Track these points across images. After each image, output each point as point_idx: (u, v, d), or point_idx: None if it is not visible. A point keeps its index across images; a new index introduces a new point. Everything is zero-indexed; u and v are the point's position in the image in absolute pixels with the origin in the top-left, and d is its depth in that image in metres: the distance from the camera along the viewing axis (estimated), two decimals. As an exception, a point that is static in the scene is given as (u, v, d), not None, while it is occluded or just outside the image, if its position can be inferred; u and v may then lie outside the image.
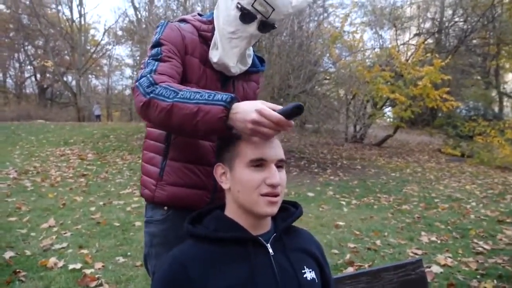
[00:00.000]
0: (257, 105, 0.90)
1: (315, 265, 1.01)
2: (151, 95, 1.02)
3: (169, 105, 0.99)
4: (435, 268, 3.17)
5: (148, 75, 1.08)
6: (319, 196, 6.12)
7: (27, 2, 22.67)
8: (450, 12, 15.37)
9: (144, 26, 11.92)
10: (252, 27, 1.17)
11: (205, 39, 1.25)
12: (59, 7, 22.72)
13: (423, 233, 4.26)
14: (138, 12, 17.00)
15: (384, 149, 12.84)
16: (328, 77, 10.08)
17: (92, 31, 29.75)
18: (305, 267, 0.97)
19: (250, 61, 1.33)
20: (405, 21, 14.32)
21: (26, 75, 34.74)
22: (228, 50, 1.21)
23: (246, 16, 1.16)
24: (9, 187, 5.67)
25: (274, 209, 0.93)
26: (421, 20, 14.64)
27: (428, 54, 11.75)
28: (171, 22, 1.25)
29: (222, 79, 1.28)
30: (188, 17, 1.30)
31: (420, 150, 13.27)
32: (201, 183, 1.24)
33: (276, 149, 0.94)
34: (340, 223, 4.51)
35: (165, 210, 1.27)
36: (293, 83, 8.21)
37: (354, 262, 3.26)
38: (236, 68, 1.25)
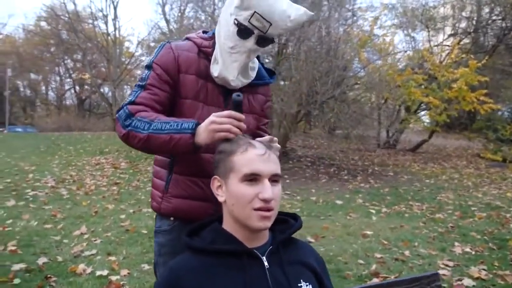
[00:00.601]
0: (213, 114, 1.09)
1: (313, 278, 1.00)
2: (129, 128, 1.18)
3: (145, 136, 1.15)
4: (467, 281, 3.03)
5: (125, 107, 1.21)
6: (347, 203, 6.01)
7: (66, 18, 23.86)
8: (487, 10, 14.75)
9: (175, 37, 12.29)
10: (250, 42, 1.20)
11: (206, 54, 1.30)
12: (95, 22, 23.75)
13: (456, 243, 4.08)
14: (169, 24, 17.54)
15: (419, 155, 12.44)
16: (358, 82, 9.93)
17: (126, 44, 30.92)
18: (301, 280, 0.97)
19: (253, 74, 1.35)
20: (439, 22, 13.87)
21: (66, 87, 36.59)
22: (228, 64, 1.24)
23: (243, 31, 1.18)
24: (47, 195, 5.97)
25: (267, 224, 0.94)
26: (455, 20, 14.13)
27: (464, 55, 11.31)
28: (169, 42, 1.31)
29: (225, 92, 1.30)
30: (191, 35, 1.36)
31: (457, 155, 12.75)
32: (204, 196, 1.27)
33: (270, 164, 0.95)
34: (368, 232, 4.41)
35: (172, 220, 1.32)
36: (320, 90, 8.15)
37: (379, 273, 3.18)
38: (236, 81, 1.28)
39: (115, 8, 22.59)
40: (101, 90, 29.12)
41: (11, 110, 33.90)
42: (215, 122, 1.05)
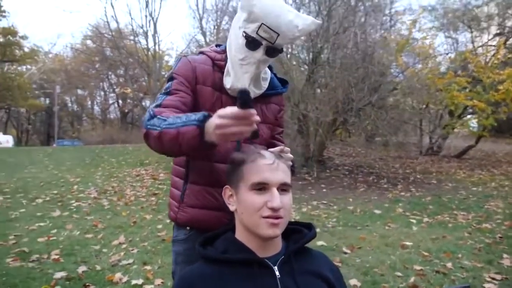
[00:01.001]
0: (218, 112, 0.96)
1: (326, 289, 0.99)
2: (148, 126, 1.14)
3: (159, 132, 1.09)
4: (516, 296, 2.83)
5: (150, 109, 1.21)
6: (386, 213, 5.82)
7: (110, 36, 25.12)
8: (536, 6, 13.91)
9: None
10: (259, 53, 1.23)
11: (220, 67, 1.34)
12: (136, 38, 24.81)
13: (505, 255, 3.82)
14: (205, 37, 18.02)
15: (465, 161, 11.84)
16: (396, 88, 9.66)
17: (166, 57, 32.05)
18: (314, 290, 0.95)
19: (266, 84, 1.38)
20: (483, 21, 13.25)
21: (110, 101, 38.39)
22: (240, 76, 1.27)
23: (251, 43, 1.22)
24: (90, 206, 6.25)
25: (277, 231, 0.94)
26: (501, 19, 13.44)
27: (511, 55, 10.70)
28: (186, 56, 1.36)
29: None
30: (205, 49, 1.41)
31: (508, 161, 12.00)
32: (219, 205, 1.28)
33: (279, 173, 0.96)
34: (407, 243, 4.24)
35: (188, 230, 1.36)
36: (356, 96, 8.01)
37: (418, 286, 3.04)
38: (252, 92, 1.29)
39: (154, 24, 23.43)
40: (143, 103, 30.26)
41: (60, 124, 36.03)
42: (220, 126, 0.94)
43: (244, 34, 1.22)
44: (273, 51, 1.24)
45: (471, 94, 10.08)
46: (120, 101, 36.71)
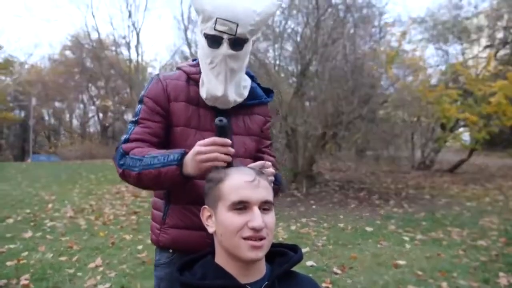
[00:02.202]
0: (198, 142, 1.08)
1: (313, 317, 0.95)
2: (124, 167, 1.23)
3: (137, 173, 1.19)
4: (513, 317, 2.82)
5: (120, 147, 1.28)
6: (378, 230, 5.81)
7: (90, 47, 25.04)
8: (525, 19, 14.37)
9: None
10: (223, 49, 1.23)
11: (195, 80, 1.34)
12: (118, 49, 24.79)
13: (501, 273, 3.84)
14: (191, 49, 18.06)
15: (458, 176, 11.98)
16: (387, 100, 9.78)
17: (149, 69, 32.04)
18: (299, 319, 0.92)
19: (246, 92, 1.36)
20: (473, 33, 13.61)
21: (90, 115, 37.97)
22: (213, 80, 1.26)
23: (212, 41, 1.23)
24: (65, 225, 6.08)
25: (259, 254, 0.91)
26: (491, 31, 13.82)
27: (502, 67, 10.97)
28: (158, 75, 1.38)
29: (217, 116, 1.29)
30: (181, 64, 1.42)
31: (502, 175, 12.18)
32: (202, 224, 1.25)
33: (260, 191, 0.93)
34: (401, 262, 4.22)
35: (170, 253, 1.33)
36: (346, 109, 8.07)
37: (412, 308, 3.01)
38: (229, 97, 1.29)
39: (137, 35, 23.47)
40: (124, 117, 30.05)
41: (36, 139, 35.42)
42: (200, 153, 1.05)
43: (204, 35, 1.23)
44: (237, 42, 1.23)
45: (462, 107, 10.28)
46: (101, 115, 36.35)
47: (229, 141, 1.04)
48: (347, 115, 8.12)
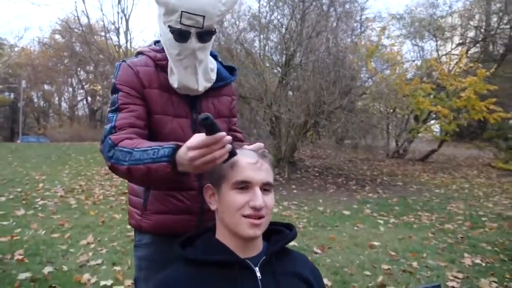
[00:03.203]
0: (186, 144, 0.91)
1: (307, 290, 0.98)
2: (112, 160, 1.08)
3: (126, 168, 1.03)
4: (477, 294, 2.95)
5: (108, 138, 1.12)
6: (355, 214, 5.93)
7: (80, 31, 24.34)
8: (495, 19, 14.63)
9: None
10: (192, 43, 1.15)
11: (162, 67, 1.25)
12: (108, 35, 24.17)
13: (466, 254, 3.99)
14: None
15: (429, 165, 12.27)
16: (365, 92, 9.89)
17: (138, 55, 31.36)
18: (295, 291, 0.94)
19: (214, 76, 1.30)
20: (447, 31, 13.81)
21: (79, 98, 37.15)
22: (182, 72, 1.20)
23: (179, 35, 1.14)
24: (56, 204, 6.00)
25: (257, 232, 0.92)
26: (464, 29, 14.05)
27: (472, 64, 11.20)
28: (124, 61, 1.25)
29: (189, 102, 1.27)
30: (144, 49, 1.31)
31: (468, 165, 12.54)
32: (186, 208, 1.24)
33: (262, 173, 0.94)
34: (375, 243, 4.33)
35: (152, 234, 1.29)
36: (328, 99, 8.12)
37: (386, 285, 3.11)
38: (201, 86, 1.24)
39: (127, 21, 22.92)
40: (113, 101, 29.45)
41: (25, 120, 34.51)
42: (194, 158, 0.88)
43: (170, 28, 1.13)
44: (205, 35, 1.15)
45: (435, 100, 10.47)
46: (89, 98, 35.60)
47: (221, 134, 0.87)
48: (329, 105, 8.17)
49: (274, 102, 8.65)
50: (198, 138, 0.89)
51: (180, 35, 1.13)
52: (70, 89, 37.14)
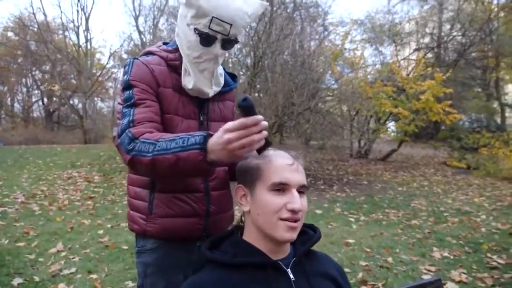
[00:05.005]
0: (223, 127, 0.90)
1: (336, 289, 0.96)
2: (133, 152, 1.04)
3: (150, 159, 1.00)
4: (451, 285, 3.08)
5: (127, 131, 1.08)
6: (327, 213, 6.02)
7: (35, 29, 23.13)
8: (448, 27, 15.50)
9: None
10: (216, 48, 1.16)
11: (174, 68, 1.24)
12: (66, 33, 23.14)
13: (435, 248, 4.16)
14: (143, 36, 17.32)
15: (389, 164, 12.74)
16: (331, 94, 10.10)
17: (98, 55, 30.24)
18: (327, 292, 0.93)
19: (222, 80, 1.32)
20: (404, 37, 14.43)
21: (34, 99, 35.20)
22: (198, 75, 1.20)
23: (206, 39, 1.15)
24: (17, 211, 5.63)
25: (293, 235, 0.90)
26: (420, 36, 14.76)
27: (429, 69, 11.77)
28: (136, 58, 1.23)
29: (198, 104, 1.27)
30: (153, 48, 1.29)
31: (425, 164, 13.16)
32: (192, 211, 1.21)
33: (299, 175, 0.92)
34: (350, 240, 4.42)
35: (157, 239, 1.24)
36: (297, 101, 8.22)
37: (367, 281, 3.17)
38: (212, 90, 1.25)
39: (86, 20, 22.06)
40: (71, 102, 28.24)
41: (-26, 123, 32.23)
42: (231, 141, 0.86)
43: (197, 31, 1.13)
44: (228, 43, 1.17)
45: (396, 102, 10.88)
46: (46, 99, 33.82)
47: (259, 117, 0.85)
48: (298, 107, 8.27)
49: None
50: (236, 121, 0.87)
51: (206, 39, 1.14)
52: (24, 89, 35.14)
